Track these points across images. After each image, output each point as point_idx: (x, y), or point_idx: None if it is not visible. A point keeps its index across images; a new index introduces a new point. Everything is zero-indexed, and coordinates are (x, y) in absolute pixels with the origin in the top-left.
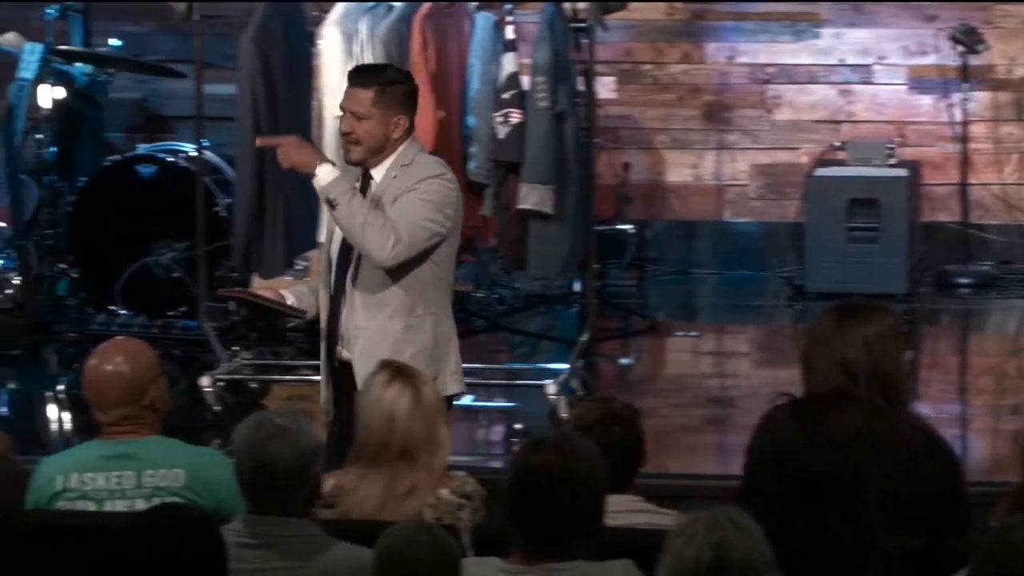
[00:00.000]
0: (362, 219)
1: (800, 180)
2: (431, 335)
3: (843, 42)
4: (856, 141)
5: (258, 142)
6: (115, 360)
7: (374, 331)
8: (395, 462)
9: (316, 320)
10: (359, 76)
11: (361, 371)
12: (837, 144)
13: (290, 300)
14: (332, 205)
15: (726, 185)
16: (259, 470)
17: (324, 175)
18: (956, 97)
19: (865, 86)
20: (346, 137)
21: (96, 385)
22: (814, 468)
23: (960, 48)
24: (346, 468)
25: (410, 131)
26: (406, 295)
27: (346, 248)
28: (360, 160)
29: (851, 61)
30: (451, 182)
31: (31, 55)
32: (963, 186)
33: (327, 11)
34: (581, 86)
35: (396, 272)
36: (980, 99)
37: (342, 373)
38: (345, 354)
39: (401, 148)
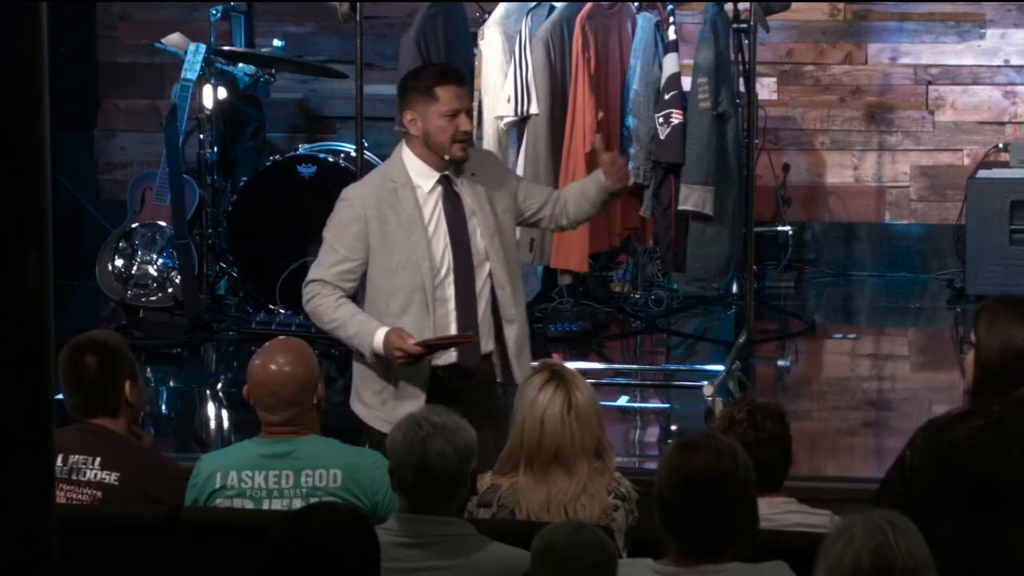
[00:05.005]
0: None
1: (962, 182)
2: None
3: (1008, 43)
4: (1019, 143)
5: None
6: (285, 360)
7: (521, 321)
8: (553, 466)
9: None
10: (456, 75)
11: (515, 364)
12: (1000, 146)
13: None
14: None
15: (887, 187)
16: (422, 471)
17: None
18: None
19: None
20: (467, 136)
21: (270, 386)
22: (995, 473)
23: None
24: (506, 469)
25: None
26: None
27: (465, 254)
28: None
29: (1016, 62)
30: None
31: (195, 56)
32: None
33: (489, 12)
34: (741, 87)
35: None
36: None
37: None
38: (488, 347)
39: None
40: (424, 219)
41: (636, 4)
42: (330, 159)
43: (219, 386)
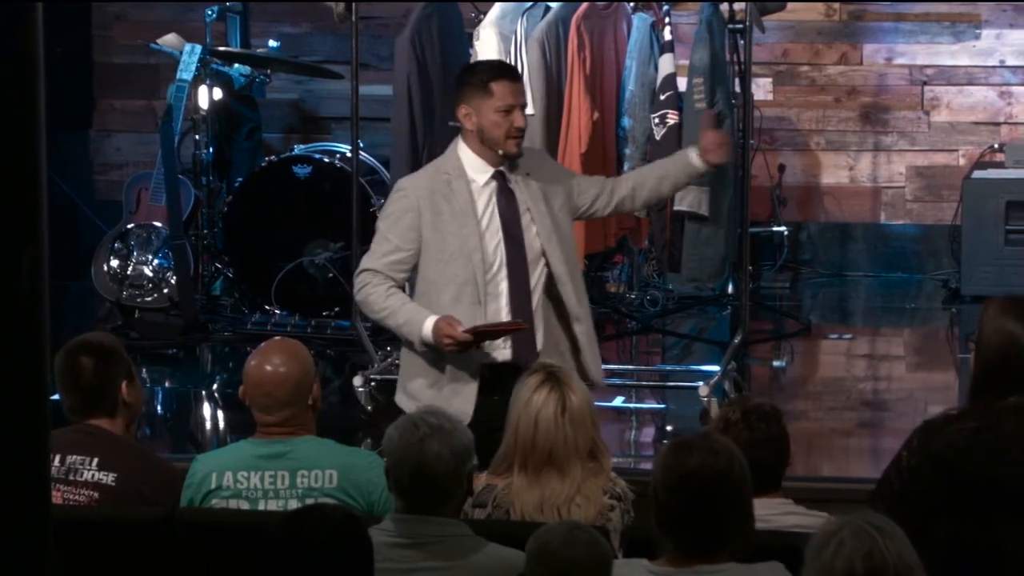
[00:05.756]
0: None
1: (957, 182)
2: None
3: (1004, 43)
4: (1015, 143)
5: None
6: (280, 361)
7: (588, 318)
8: (546, 468)
9: None
10: (511, 71)
11: (589, 359)
12: (995, 146)
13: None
14: None
15: (882, 187)
16: (418, 471)
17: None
18: None
19: None
20: (521, 132)
21: (264, 387)
22: (989, 476)
23: None
24: (500, 470)
25: None
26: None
27: (519, 251)
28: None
29: (1011, 62)
30: None
31: (190, 56)
32: None
33: (484, 12)
34: (737, 87)
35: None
36: None
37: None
38: (542, 343)
39: None
40: (477, 212)
41: (631, 4)
42: (325, 159)
43: (215, 387)
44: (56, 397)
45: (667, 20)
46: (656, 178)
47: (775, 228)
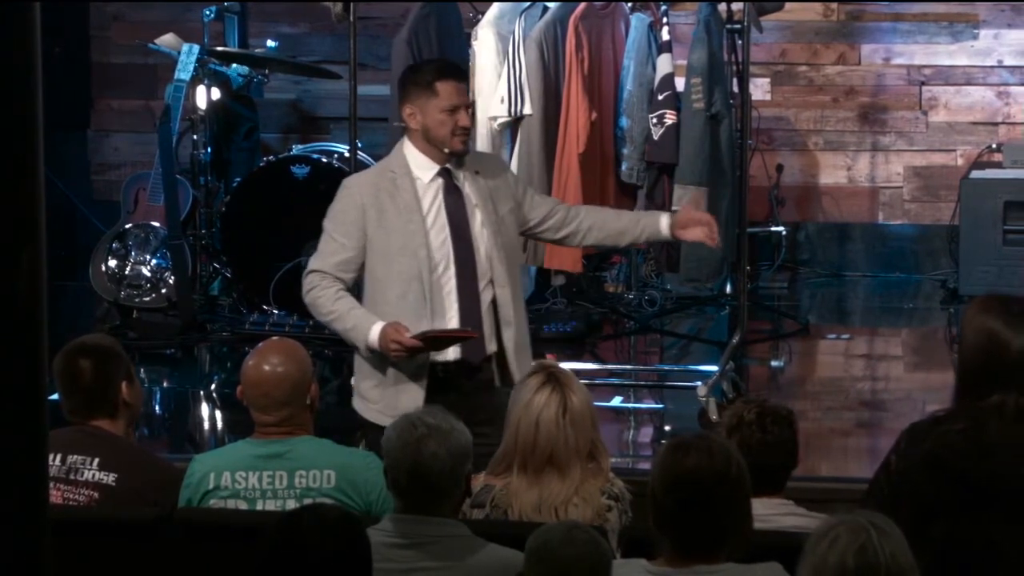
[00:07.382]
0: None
1: (955, 182)
2: None
3: (1001, 43)
4: (1012, 143)
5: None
6: (278, 360)
7: (520, 324)
8: (547, 469)
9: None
10: (456, 70)
11: (516, 369)
12: (993, 146)
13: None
14: None
15: (880, 187)
16: (415, 471)
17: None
18: None
19: (1023, 88)
20: (466, 131)
21: (263, 386)
22: (980, 476)
23: None
24: (499, 470)
25: None
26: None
27: (466, 248)
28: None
29: (1009, 63)
30: None
31: (188, 56)
32: None
33: (482, 12)
34: (735, 87)
35: (517, 262)
36: None
37: (457, 373)
38: (491, 348)
39: None
40: (423, 209)
41: (629, 4)
42: (323, 160)
43: (213, 387)
44: (54, 397)
45: (665, 20)
46: (616, 231)
47: (773, 228)
